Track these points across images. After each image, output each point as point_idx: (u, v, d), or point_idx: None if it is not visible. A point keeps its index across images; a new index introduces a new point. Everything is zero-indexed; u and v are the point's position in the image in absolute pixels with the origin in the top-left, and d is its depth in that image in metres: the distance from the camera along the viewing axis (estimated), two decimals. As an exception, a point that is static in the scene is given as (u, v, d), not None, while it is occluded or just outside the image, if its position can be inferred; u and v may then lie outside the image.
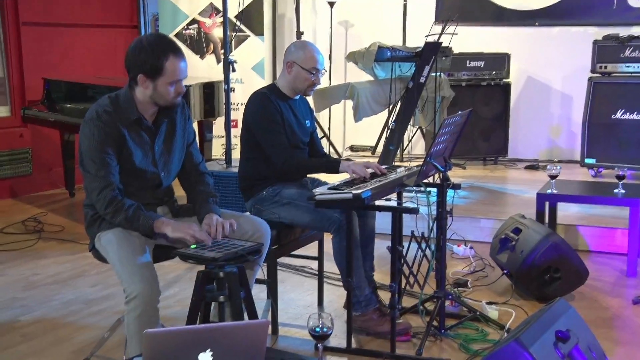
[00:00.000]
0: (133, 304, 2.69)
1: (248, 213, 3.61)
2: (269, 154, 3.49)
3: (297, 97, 3.64)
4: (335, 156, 7.16)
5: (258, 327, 2.09)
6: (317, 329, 2.33)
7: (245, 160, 3.64)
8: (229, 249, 2.77)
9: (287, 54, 3.58)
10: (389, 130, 5.99)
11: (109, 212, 2.81)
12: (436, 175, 3.65)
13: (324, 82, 7.60)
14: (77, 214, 5.86)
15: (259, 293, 3.94)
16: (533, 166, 7.06)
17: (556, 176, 4.38)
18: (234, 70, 5.73)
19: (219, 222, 2.86)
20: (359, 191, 3.08)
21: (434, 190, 3.48)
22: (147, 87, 2.84)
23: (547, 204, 4.51)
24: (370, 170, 3.45)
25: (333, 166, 3.50)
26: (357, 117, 6.10)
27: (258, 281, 3.32)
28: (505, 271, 4.10)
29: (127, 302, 2.72)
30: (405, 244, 3.38)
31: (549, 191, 4.38)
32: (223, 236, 2.86)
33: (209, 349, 2.03)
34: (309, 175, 3.74)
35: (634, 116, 6.25)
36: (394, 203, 3.52)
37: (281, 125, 3.50)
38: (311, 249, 3.94)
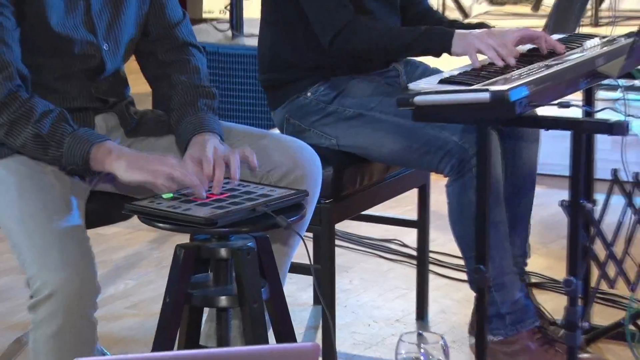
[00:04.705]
0: (46, 310, 2.75)
1: (277, 131, 3.72)
2: (311, 21, 3.60)
3: None
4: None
5: (297, 358, 2.04)
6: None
7: (269, 26, 3.76)
8: (237, 202, 2.78)
9: None
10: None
11: (3, 122, 2.87)
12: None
13: None
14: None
15: (298, 292, 4.06)
16: None
17: None
18: None
19: (220, 156, 2.91)
20: (505, 87, 3.04)
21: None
22: None
23: None
24: (515, 52, 3.40)
25: (439, 41, 3.48)
26: None
27: (296, 268, 3.39)
28: None
29: (34, 307, 2.77)
30: (600, 198, 3.39)
31: None
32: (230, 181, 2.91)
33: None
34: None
35: None
36: (577, 113, 3.44)
37: None
38: (404, 205, 4.05)
